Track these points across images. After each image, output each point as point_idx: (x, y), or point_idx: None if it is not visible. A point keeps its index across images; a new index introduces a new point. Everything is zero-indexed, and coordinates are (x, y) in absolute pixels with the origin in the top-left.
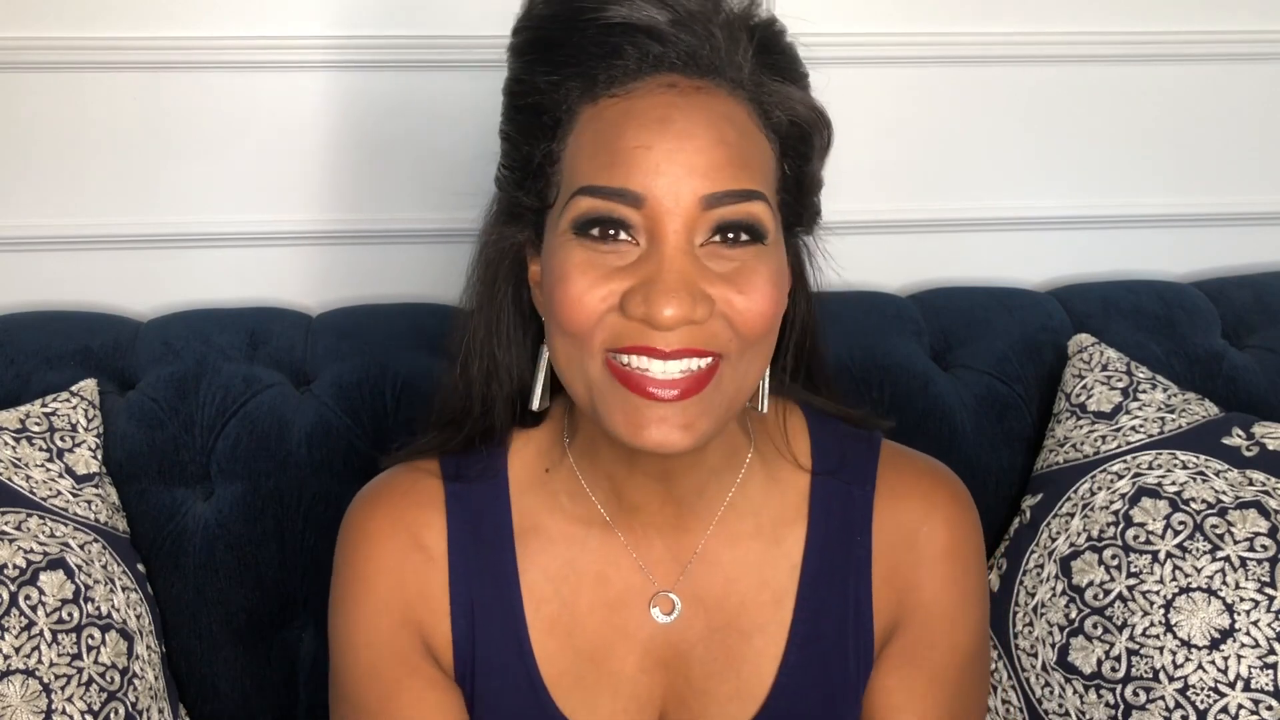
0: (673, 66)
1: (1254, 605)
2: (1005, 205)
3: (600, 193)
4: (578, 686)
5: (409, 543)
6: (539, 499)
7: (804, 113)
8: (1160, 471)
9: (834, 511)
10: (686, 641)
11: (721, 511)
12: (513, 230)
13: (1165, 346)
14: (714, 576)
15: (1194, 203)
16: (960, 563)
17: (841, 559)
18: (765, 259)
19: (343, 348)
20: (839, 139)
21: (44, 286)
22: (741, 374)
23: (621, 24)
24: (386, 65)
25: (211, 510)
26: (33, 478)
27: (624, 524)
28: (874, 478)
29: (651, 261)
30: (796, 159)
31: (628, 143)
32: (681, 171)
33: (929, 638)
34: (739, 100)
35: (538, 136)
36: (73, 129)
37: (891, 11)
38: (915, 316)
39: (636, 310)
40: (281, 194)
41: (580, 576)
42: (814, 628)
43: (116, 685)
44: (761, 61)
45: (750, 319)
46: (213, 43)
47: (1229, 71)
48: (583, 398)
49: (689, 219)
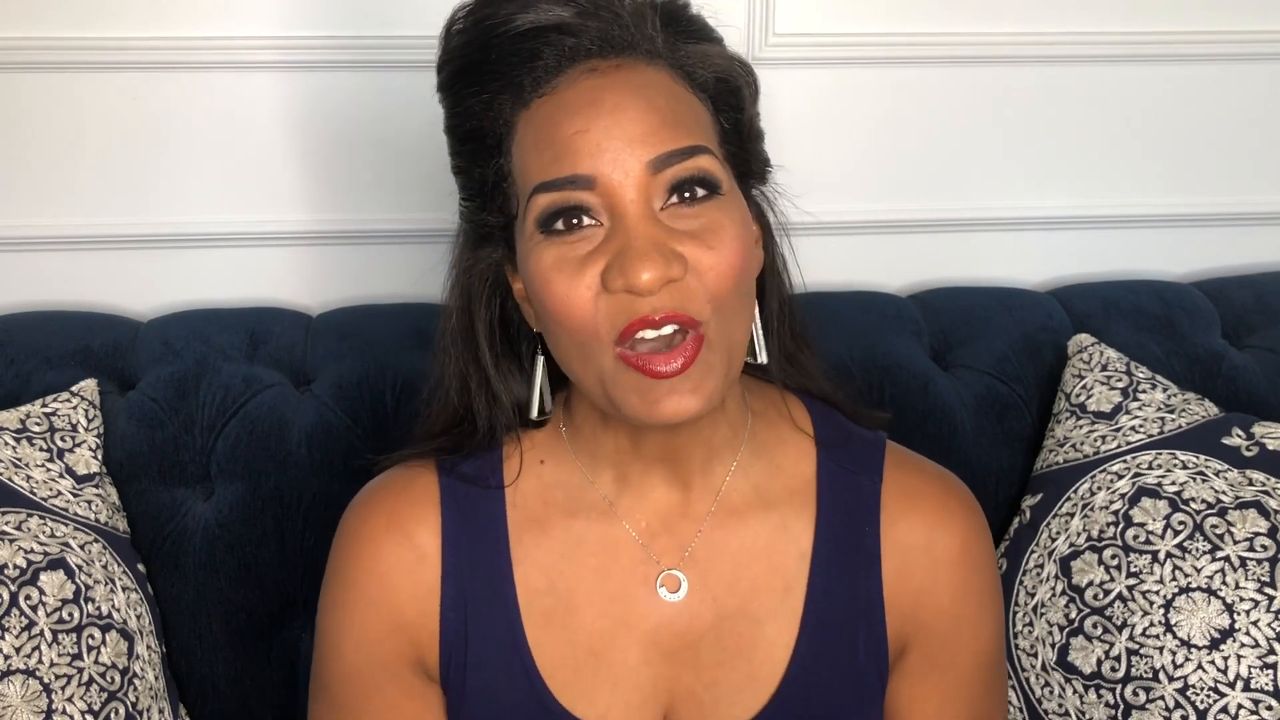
0: (589, 53)
1: (1254, 605)
2: (1005, 205)
3: (552, 186)
4: (575, 679)
5: (402, 543)
6: (534, 492)
7: (725, 65)
8: (1160, 471)
9: (841, 500)
10: (695, 630)
11: (723, 490)
12: (486, 251)
13: (1165, 346)
14: (721, 560)
15: (1194, 203)
16: (976, 569)
17: (850, 549)
18: (726, 210)
19: (343, 348)
20: (839, 138)
21: (44, 286)
22: (728, 331)
23: (532, 28)
24: (386, 65)
25: (211, 510)
26: (33, 478)
27: (626, 509)
28: (880, 471)
29: (618, 235)
30: (731, 110)
31: (565, 132)
32: (621, 144)
33: (953, 644)
34: (659, 68)
35: (485, 157)
36: (72, 129)
37: (891, 12)
38: (915, 316)
39: (616, 283)
40: (281, 194)
41: (577, 570)
42: (824, 616)
43: (117, 685)
44: (672, 31)
45: (720, 273)
46: (212, 43)
47: (1229, 71)
48: (595, 389)
49: (641, 187)
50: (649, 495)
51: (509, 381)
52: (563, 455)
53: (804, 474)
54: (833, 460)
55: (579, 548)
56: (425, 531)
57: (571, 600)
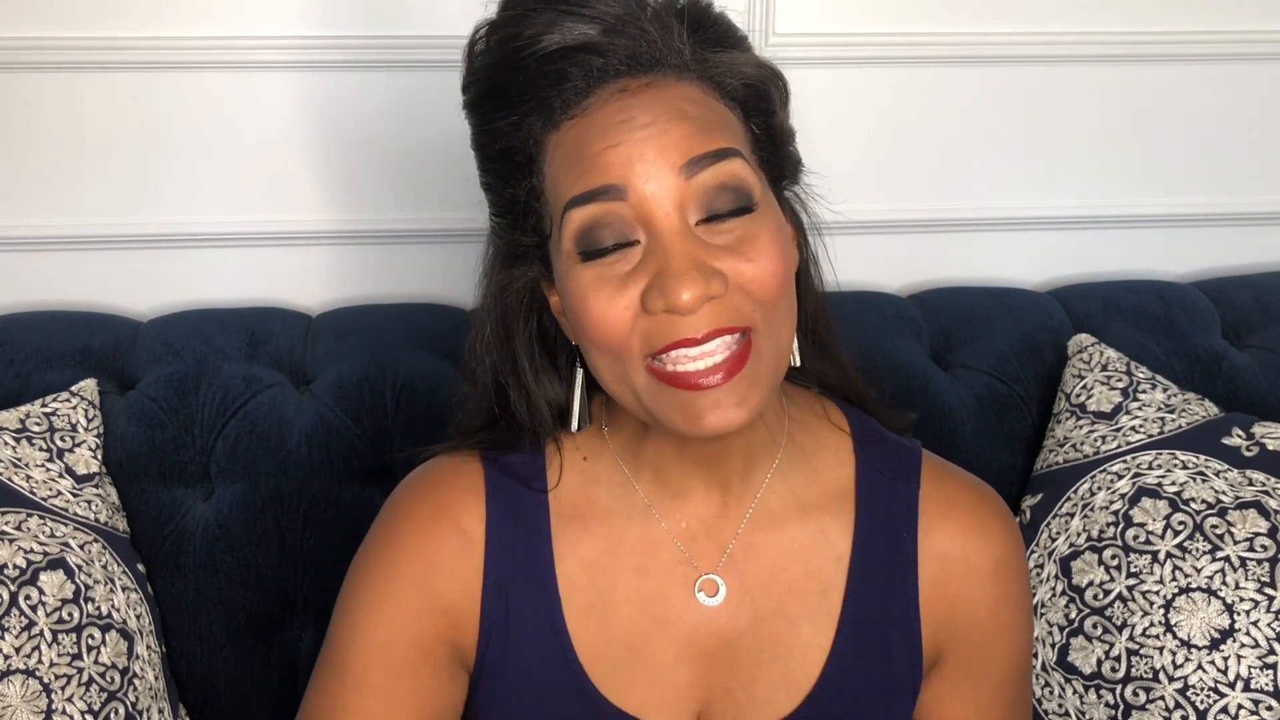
0: (618, 73)
1: (1254, 605)
2: (1005, 205)
3: (585, 198)
4: (614, 672)
5: (448, 527)
6: (577, 488)
7: (753, 72)
8: (1160, 471)
9: (879, 505)
10: (733, 630)
11: (761, 493)
12: (522, 270)
13: (1165, 346)
14: (759, 563)
15: (1194, 203)
16: (1013, 579)
17: (888, 553)
18: (761, 221)
19: (343, 348)
20: (839, 138)
21: (44, 286)
22: (775, 338)
23: (559, 49)
24: (388, 65)
25: (211, 510)
26: (33, 478)
27: (665, 511)
28: (918, 477)
29: (656, 255)
30: (761, 116)
31: (596, 148)
32: (653, 154)
33: (988, 653)
34: (689, 82)
35: (516, 177)
36: (72, 129)
37: (891, 11)
38: (915, 316)
39: (656, 304)
40: (281, 194)
41: (617, 567)
42: (860, 619)
43: (116, 685)
44: (699, 39)
45: (763, 282)
46: (212, 43)
47: (1229, 71)
48: (632, 404)
49: (676, 196)
50: (689, 498)
51: (548, 390)
52: (605, 454)
53: (842, 478)
54: (870, 465)
55: (619, 546)
56: (471, 518)
57: (611, 597)
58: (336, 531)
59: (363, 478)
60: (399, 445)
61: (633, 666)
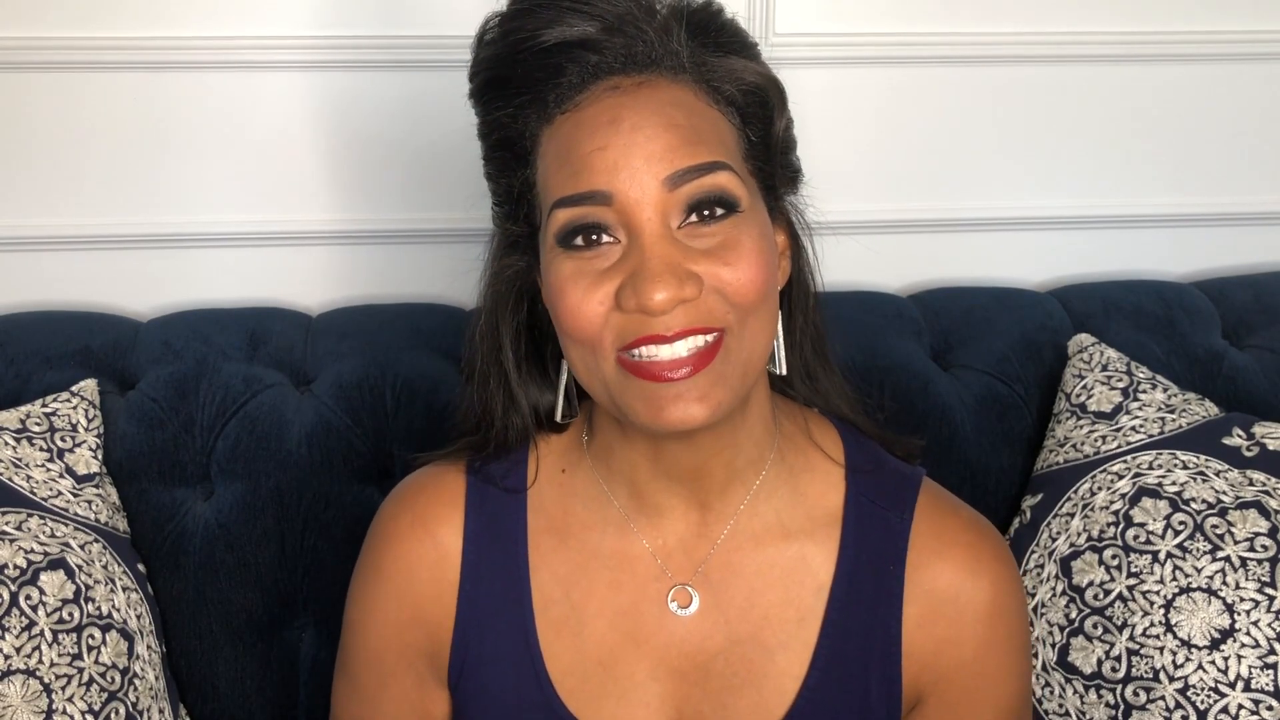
0: (612, 70)
1: (1254, 605)
2: (1005, 205)
3: (571, 201)
4: (584, 687)
5: (425, 540)
6: (555, 501)
7: (752, 79)
8: (1160, 471)
9: (868, 535)
10: (706, 653)
11: (742, 511)
12: (514, 259)
13: (1165, 346)
14: (736, 583)
15: (1194, 203)
16: (1005, 624)
17: (872, 587)
18: (744, 227)
19: (343, 348)
20: (839, 138)
21: (44, 286)
22: (749, 342)
23: (557, 44)
24: (387, 65)
25: (211, 510)
26: (33, 478)
27: (643, 526)
28: (912, 509)
29: (634, 254)
30: (758, 123)
31: (585, 149)
32: (639, 162)
33: (973, 697)
34: (683, 84)
35: (512, 168)
36: (73, 129)
37: (891, 12)
38: (915, 316)
39: (629, 303)
40: (281, 194)
41: (591, 581)
42: (838, 652)
43: (117, 685)
44: (700, 42)
45: (741, 287)
46: (212, 43)
47: (1229, 71)
48: (602, 397)
49: (658, 205)
50: (667, 515)
51: (529, 386)
52: (583, 467)
53: (830, 504)
54: (862, 493)
55: (594, 560)
56: (448, 531)
57: (584, 611)
58: (336, 531)
59: (363, 478)
60: (399, 445)
61: (603, 682)
